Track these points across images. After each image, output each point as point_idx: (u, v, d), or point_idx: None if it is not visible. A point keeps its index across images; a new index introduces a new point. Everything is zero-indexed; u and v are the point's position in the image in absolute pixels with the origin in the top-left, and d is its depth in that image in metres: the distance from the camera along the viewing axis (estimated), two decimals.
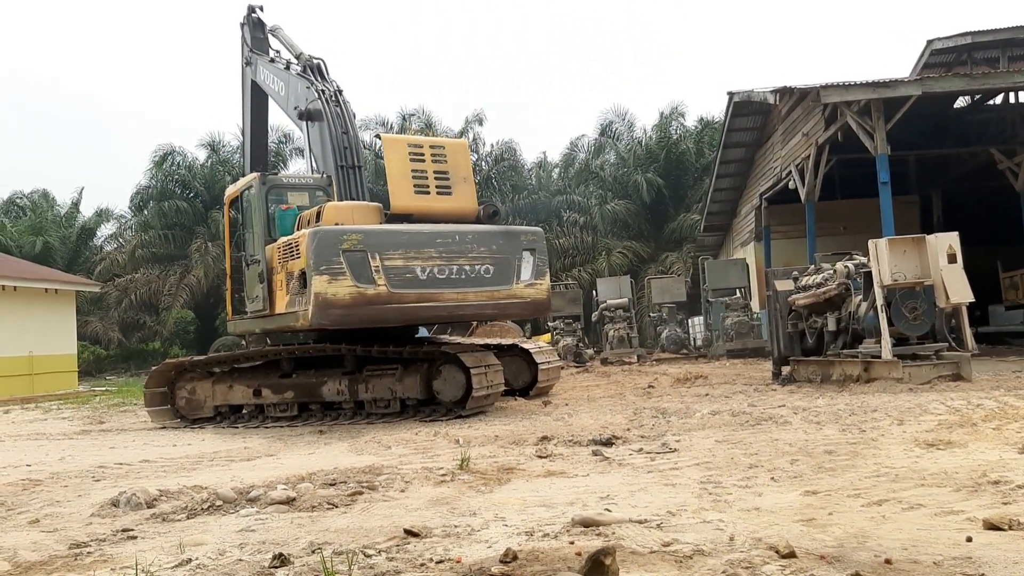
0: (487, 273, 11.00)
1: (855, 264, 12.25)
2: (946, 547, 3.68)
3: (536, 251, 11.50)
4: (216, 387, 12.18)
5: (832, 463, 5.88)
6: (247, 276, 12.55)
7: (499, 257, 11.13)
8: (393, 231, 10.73)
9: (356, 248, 10.27)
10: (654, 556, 3.74)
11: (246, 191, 12.73)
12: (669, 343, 25.40)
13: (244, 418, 12.00)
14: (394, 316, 10.63)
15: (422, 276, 10.58)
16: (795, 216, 22.16)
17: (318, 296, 10.13)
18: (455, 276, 10.79)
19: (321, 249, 10.20)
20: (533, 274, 11.36)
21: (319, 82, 13.21)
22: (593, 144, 41.24)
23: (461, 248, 10.88)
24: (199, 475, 7.04)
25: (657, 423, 8.82)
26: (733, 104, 22.98)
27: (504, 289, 11.12)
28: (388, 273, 10.37)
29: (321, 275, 10.12)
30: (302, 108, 13.24)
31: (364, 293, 10.25)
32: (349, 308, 10.23)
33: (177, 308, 36.59)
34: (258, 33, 16.01)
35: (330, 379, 11.45)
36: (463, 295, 10.86)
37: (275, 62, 14.94)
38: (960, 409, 8.24)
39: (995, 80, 17.05)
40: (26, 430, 12.77)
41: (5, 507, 5.95)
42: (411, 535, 4.34)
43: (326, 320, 10.30)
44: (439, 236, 10.81)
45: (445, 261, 10.74)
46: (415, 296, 10.56)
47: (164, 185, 38.68)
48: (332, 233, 10.35)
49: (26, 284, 23.04)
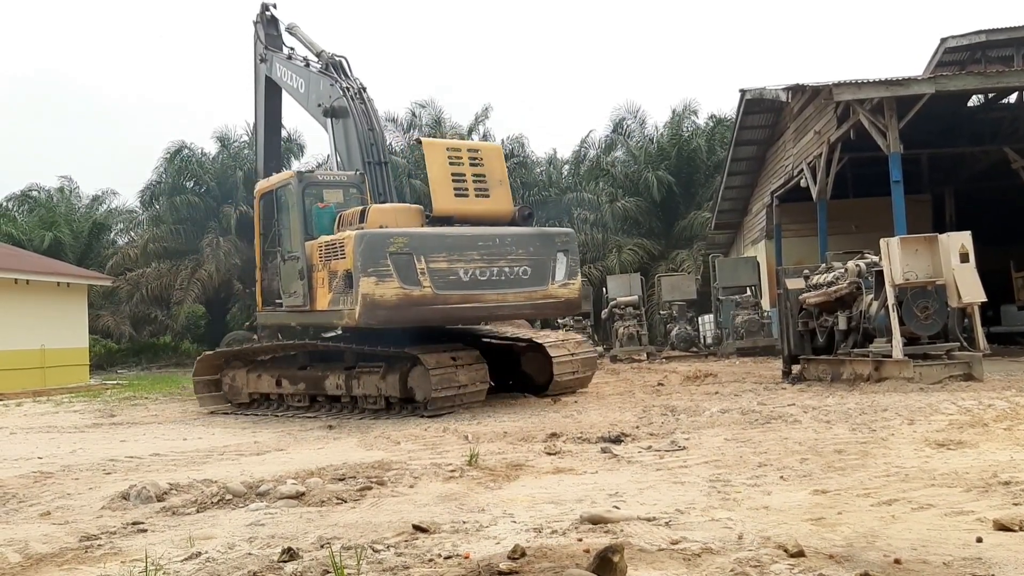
0: (525, 274, 11.34)
1: (866, 263, 12.19)
2: (956, 547, 3.67)
3: (569, 252, 11.86)
4: (249, 376, 13.05)
5: (842, 462, 5.86)
6: (283, 271, 12.73)
7: (536, 259, 11.48)
8: (438, 234, 11.05)
9: (402, 251, 10.61)
10: (662, 554, 3.73)
11: (282, 188, 12.92)
12: (679, 341, 25.33)
13: (273, 405, 12.67)
14: (438, 317, 11.06)
15: (465, 278, 10.91)
16: (806, 214, 22.06)
17: (365, 297, 10.45)
18: (495, 277, 11.13)
19: (368, 251, 10.52)
20: (566, 274, 11.72)
21: (342, 79, 13.33)
22: (604, 141, 41.15)
23: (501, 250, 11.23)
24: (209, 469, 7.07)
25: (666, 421, 8.81)
26: (745, 102, 22.89)
27: (540, 290, 11.48)
28: (433, 275, 10.71)
29: (368, 276, 10.45)
30: (326, 105, 13.42)
31: (410, 294, 10.60)
32: (395, 309, 10.57)
33: (188, 302, 36.67)
34: (272, 30, 16.12)
35: (332, 374, 11.89)
36: (503, 296, 11.21)
37: (292, 59, 15.02)
38: (971, 409, 8.20)
39: (1009, 79, 16.92)
40: (38, 423, 12.85)
41: (17, 499, 5.99)
42: (420, 531, 4.35)
43: (373, 320, 10.63)
44: (480, 239, 11.16)
45: (486, 263, 11.08)
46: (459, 297, 10.91)
47: (175, 180, 38.79)
48: (379, 236, 10.67)
49: (38, 278, 23.14)
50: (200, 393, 13.56)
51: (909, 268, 11.03)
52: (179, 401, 16.06)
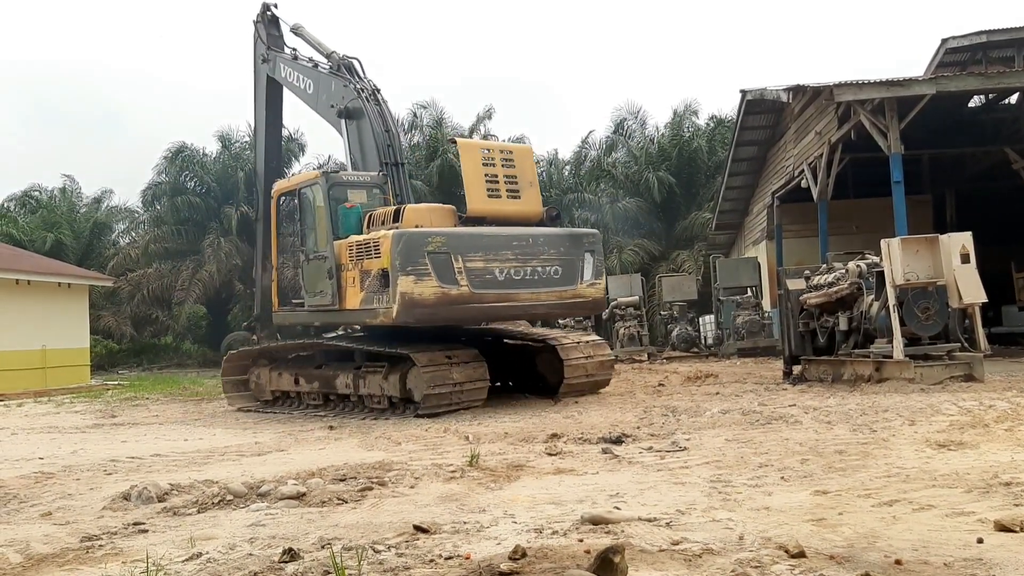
0: (556, 274, 11.52)
1: (867, 263, 12.19)
2: (957, 548, 3.67)
3: (595, 252, 12.05)
4: (272, 374, 13.45)
5: (843, 463, 5.86)
6: (307, 270, 12.78)
7: (566, 258, 11.66)
8: (475, 234, 11.22)
9: (440, 250, 10.75)
10: (663, 554, 3.74)
11: (307, 188, 12.95)
12: (680, 341, 25.33)
13: (292, 403, 13.09)
14: (475, 315, 11.36)
15: (500, 277, 11.08)
16: (807, 215, 22.05)
17: (404, 295, 10.57)
18: (529, 277, 11.30)
19: (407, 250, 10.65)
20: (593, 274, 11.91)
21: (356, 81, 13.40)
22: (605, 141, 41.15)
23: (534, 250, 11.41)
24: (210, 469, 7.07)
25: (667, 421, 8.81)
26: (746, 102, 22.88)
27: (570, 289, 11.65)
28: (470, 274, 10.87)
29: (407, 275, 10.57)
30: (340, 107, 13.51)
31: (448, 293, 10.74)
32: (434, 307, 10.72)
33: (189, 303, 36.66)
34: (273, 30, 16.12)
35: (342, 373, 12.06)
36: (536, 295, 11.40)
37: (298, 60, 15.03)
38: (972, 410, 8.20)
39: (1010, 79, 16.92)
40: (39, 423, 12.86)
41: (18, 500, 5.99)
42: (420, 531, 4.35)
43: (411, 318, 10.75)
44: (515, 239, 11.34)
45: (520, 263, 11.25)
46: (494, 296, 11.08)
47: (176, 180, 38.80)
48: (418, 235, 10.80)
49: (40, 278, 23.16)
50: (229, 392, 14.16)
51: (910, 269, 11.03)
52: (180, 402, 16.09)
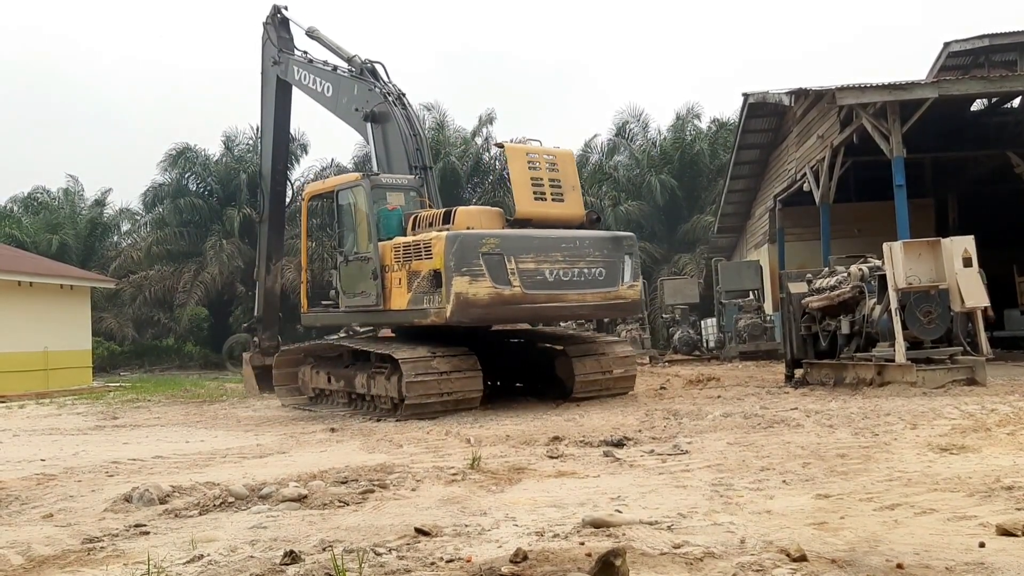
0: (600, 276, 11.77)
1: (869, 267, 12.18)
2: (958, 552, 3.66)
3: (632, 254, 12.31)
4: (311, 372, 13.79)
5: (844, 467, 5.86)
6: (344, 271, 12.89)
7: (609, 260, 11.92)
8: (526, 236, 11.48)
9: (494, 251, 11.01)
10: (664, 558, 3.73)
11: (347, 190, 13.01)
12: (681, 344, 25.32)
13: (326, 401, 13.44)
14: (527, 315, 11.65)
15: (550, 278, 11.33)
16: (809, 218, 22.04)
17: (459, 296, 10.78)
18: (576, 278, 11.56)
19: (461, 251, 10.87)
20: (632, 276, 12.17)
21: (381, 84, 13.46)
22: (607, 145, 41.17)
23: (581, 252, 11.68)
24: (211, 472, 7.07)
25: (669, 425, 8.80)
26: (748, 106, 22.88)
27: (613, 290, 11.91)
28: (522, 275, 11.12)
29: (462, 276, 10.80)
30: (365, 110, 13.59)
31: (502, 293, 10.99)
32: (488, 307, 10.99)
33: (191, 305, 36.69)
34: (284, 32, 16.13)
35: (360, 373, 12.25)
36: (583, 296, 11.65)
37: (313, 63, 15.03)
38: (974, 414, 8.19)
39: (1012, 83, 16.91)
40: (41, 425, 12.87)
41: (19, 501, 5.99)
42: (422, 534, 4.35)
43: (466, 318, 10.98)
44: (563, 241, 11.63)
45: (568, 264, 11.50)
46: (545, 296, 11.33)
47: (178, 182, 38.84)
48: (472, 237, 11.05)
49: (42, 280, 23.18)
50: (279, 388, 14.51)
51: (912, 272, 11.03)
52: (182, 403, 16.08)
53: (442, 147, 35.74)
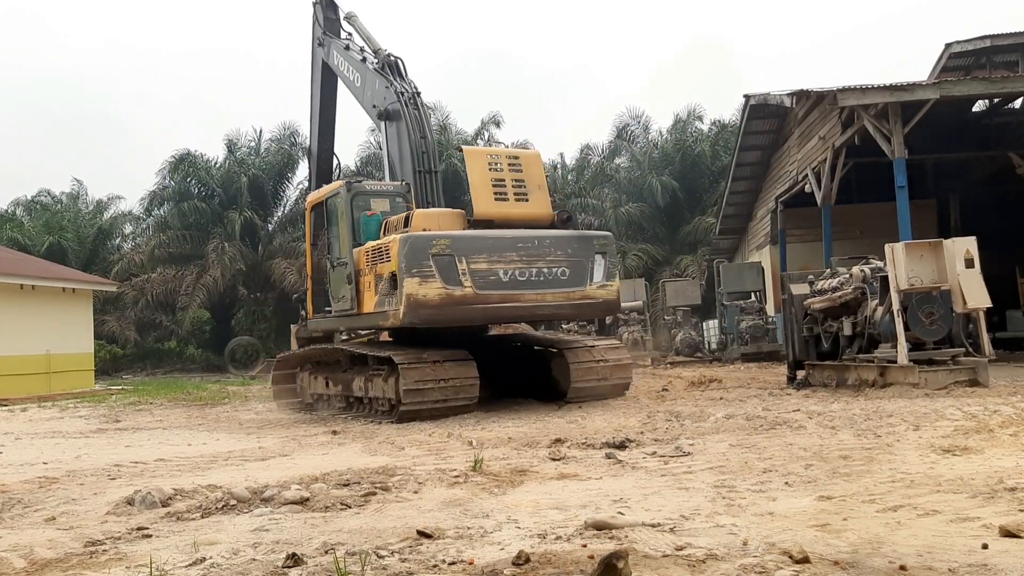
0: (563, 275, 11.63)
1: (871, 268, 12.17)
2: (961, 554, 3.65)
3: (607, 254, 12.13)
4: (308, 377, 14.02)
5: (847, 468, 5.85)
6: (332, 277, 13.12)
7: (574, 260, 11.75)
8: (478, 236, 11.41)
9: (444, 252, 10.98)
10: (667, 560, 3.73)
11: (332, 197, 13.30)
12: (683, 346, 25.32)
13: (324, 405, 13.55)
14: (480, 316, 11.46)
15: (504, 278, 11.24)
16: (811, 219, 22.05)
17: (410, 297, 10.83)
18: (534, 278, 11.43)
19: (412, 253, 10.90)
20: (604, 275, 11.98)
21: (397, 82, 13.45)
22: (608, 146, 41.20)
23: (539, 251, 11.53)
24: (213, 474, 7.07)
25: (671, 426, 8.79)
26: (749, 107, 22.91)
27: (579, 290, 11.75)
28: (474, 275, 11.06)
29: (412, 277, 10.83)
30: (381, 108, 13.59)
31: (452, 294, 10.97)
32: (438, 308, 10.95)
33: (193, 308, 36.75)
34: (331, 14, 16.11)
35: (358, 376, 12.29)
36: (542, 296, 11.51)
37: (350, 50, 15.04)
38: (977, 415, 8.18)
39: (1014, 84, 16.91)
40: (43, 428, 12.88)
41: (22, 504, 5.99)
42: (424, 536, 4.34)
43: (417, 319, 11.01)
44: (520, 240, 11.48)
45: (525, 264, 11.39)
46: (499, 297, 11.25)
47: (181, 185, 38.90)
48: (422, 238, 11.06)
49: (44, 283, 23.22)
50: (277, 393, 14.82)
51: (914, 273, 11.01)
52: (184, 406, 16.09)
53: (444, 148, 35.78)
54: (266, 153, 40.22)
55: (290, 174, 40.24)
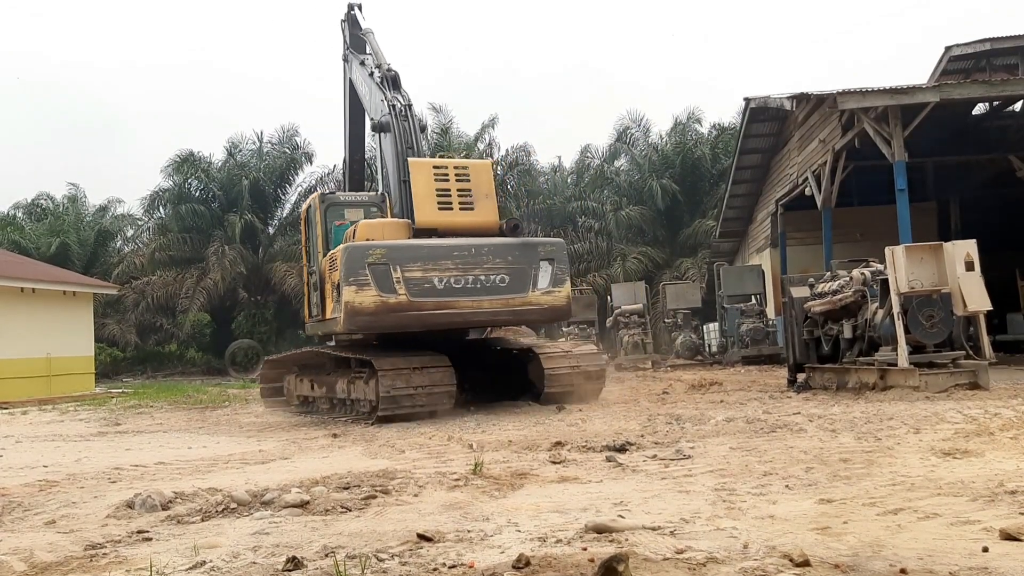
0: (502, 282, 11.82)
1: (872, 271, 12.18)
2: (962, 557, 3.65)
3: (555, 260, 12.26)
4: (295, 380, 14.50)
5: (847, 471, 5.84)
6: (308, 285, 14.01)
7: (515, 267, 11.91)
8: (414, 245, 11.70)
9: (380, 261, 11.31)
10: (667, 563, 3.72)
11: (309, 208, 14.10)
12: (684, 349, 25.30)
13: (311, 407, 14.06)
14: (414, 322, 11.65)
15: (439, 286, 11.51)
16: (811, 222, 22.04)
17: (347, 304, 11.26)
18: (470, 285, 11.65)
19: (351, 262, 11.32)
20: (551, 282, 12.10)
21: (391, 94, 13.70)
22: (608, 149, 41.21)
23: (476, 259, 11.74)
24: (214, 478, 7.07)
25: (671, 429, 8.79)
26: (749, 110, 22.91)
27: (519, 297, 11.90)
28: (408, 283, 11.35)
29: (350, 285, 11.23)
30: (376, 120, 13.95)
31: (387, 302, 11.28)
32: (374, 315, 11.31)
33: (194, 311, 36.75)
34: (356, 30, 16.56)
35: (340, 379, 12.61)
36: (478, 303, 11.71)
37: (364, 65, 15.43)
38: (977, 418, 8.17)
39: (1014, 87, 16.92)
40: (43, 431, 12.88)
41: (22, 508, 5.99)
42: (424, 539, 4.34)
43: (354, 326, 11.55)
44: (456, 249, 11.72)
45: (461, 272, 11.62)
46: (433, 304, 11.49)
47: (181, 188, 38.93)
48: (360, 248, 11.46)
49: (44, 286, 23.23)
50: (266, 397, 15.42)
51: (914, 276, 11.01)
52: (184, 409, 16.09)
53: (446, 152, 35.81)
54: (267, 156, 40.28)
55: (291, 177, 40.32)
